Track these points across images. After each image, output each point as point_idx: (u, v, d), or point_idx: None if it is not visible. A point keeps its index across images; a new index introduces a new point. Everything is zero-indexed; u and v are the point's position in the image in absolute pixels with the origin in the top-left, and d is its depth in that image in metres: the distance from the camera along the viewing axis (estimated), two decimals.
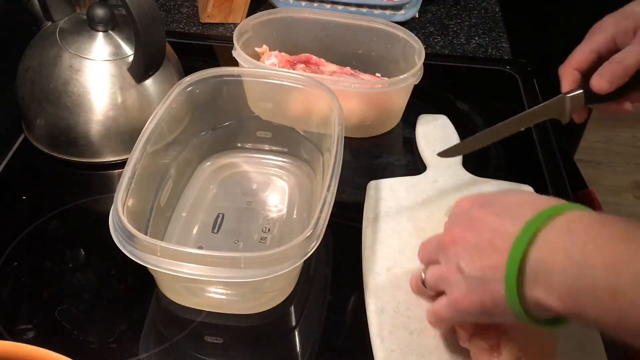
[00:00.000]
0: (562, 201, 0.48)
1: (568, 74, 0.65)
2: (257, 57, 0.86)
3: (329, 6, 1.06)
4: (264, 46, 0.88)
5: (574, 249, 0.43)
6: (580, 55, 0.64)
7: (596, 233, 0.44)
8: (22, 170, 0.79)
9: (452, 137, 0.82)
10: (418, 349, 0.58)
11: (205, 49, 1.03)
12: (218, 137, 0.78)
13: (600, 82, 0.61)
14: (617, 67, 0.60)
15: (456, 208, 0.56)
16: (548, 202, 0.48)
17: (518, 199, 0.51)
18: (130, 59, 0.76)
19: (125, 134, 0.77)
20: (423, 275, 0.57)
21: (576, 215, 0.46)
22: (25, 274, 0.66)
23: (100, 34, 0.77)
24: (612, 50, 0.63)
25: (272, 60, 0.86)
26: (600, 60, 0.63)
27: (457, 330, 0.57)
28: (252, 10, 1.05)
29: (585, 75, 0.64)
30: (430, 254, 0.56)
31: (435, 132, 0.83)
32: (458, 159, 0.79)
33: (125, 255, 0.55)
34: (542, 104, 0.66)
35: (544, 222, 0.46)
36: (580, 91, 0.64)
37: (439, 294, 0.56)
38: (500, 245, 0.48)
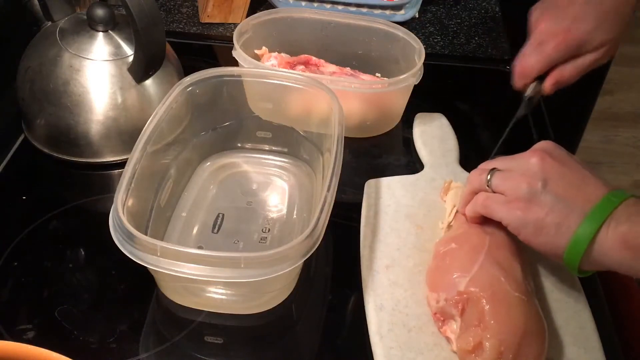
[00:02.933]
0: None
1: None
2: (256, 59, 0.86)
3: (329, 6, 1.06)
4: (264, 48, 0.88)
5: None
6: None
7: None
8: (22, 170, 0.79)
9: (449, 135, 0.83)
10: (417, 346, 0.59)
11: (205, 49, 1.03)
12: (218, 137, 0.78)
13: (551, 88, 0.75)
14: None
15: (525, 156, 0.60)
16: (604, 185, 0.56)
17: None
18: (130, 59, 0.76)
19: (125, 134, 0.77)
20: (488, 177, 0.60)
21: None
22: (25, 274, 0.66)
23: (100, 34, 0.77)
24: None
25: (271, 61, 0.86)
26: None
27: (433, 319, 0.60)
28: (252, 10, 1.05)
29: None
30: (496, 164, 0.62)
31: (432, 131, 0.83)
32: (455, 157, 0.79)
33: (125, 255, 0.55)
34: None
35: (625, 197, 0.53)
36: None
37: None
38: (592, 191, 0.54)
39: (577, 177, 0.57)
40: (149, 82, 0.78)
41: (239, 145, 0.80)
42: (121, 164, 0.75)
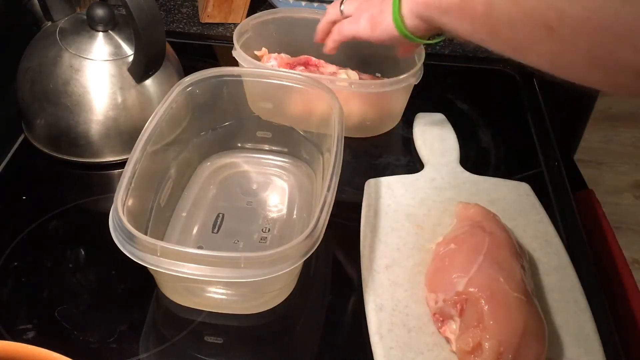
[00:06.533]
0: None
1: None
2: (256, 60, 0.86)
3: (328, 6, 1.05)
4: (263, 49, 0.88)
5: None
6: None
7: None
8: (22, 170, 0.79)
9: (449, 135, 0.83)
10: (417, 346, 0.58)
11: (205, 49, 1.03)
12: (218, 137, 0.78)
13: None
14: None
15: None
16: None
17: None
18: (130, 59, 0.76)
19: (125, 134, 0.77)
20: (341, 7, 0.78)
21: None
22: (25, 274, 0.66)
23: (100, 34, 0.77)
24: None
25: (271, 62, 0.86)
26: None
27: (433, 319, 0.60)
28: (252, 10, 1.05)
29: None
30: None
31: (432, 131, 0.83)
32: (455, 157, 0.79)
33: (125, 255, 0.55)
34: None
35: None
36: None
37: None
38: None
39: None
40: (149, 82, 0.78)
41: (239, 145, 0.80)
42: (121, 164, 0.75)
